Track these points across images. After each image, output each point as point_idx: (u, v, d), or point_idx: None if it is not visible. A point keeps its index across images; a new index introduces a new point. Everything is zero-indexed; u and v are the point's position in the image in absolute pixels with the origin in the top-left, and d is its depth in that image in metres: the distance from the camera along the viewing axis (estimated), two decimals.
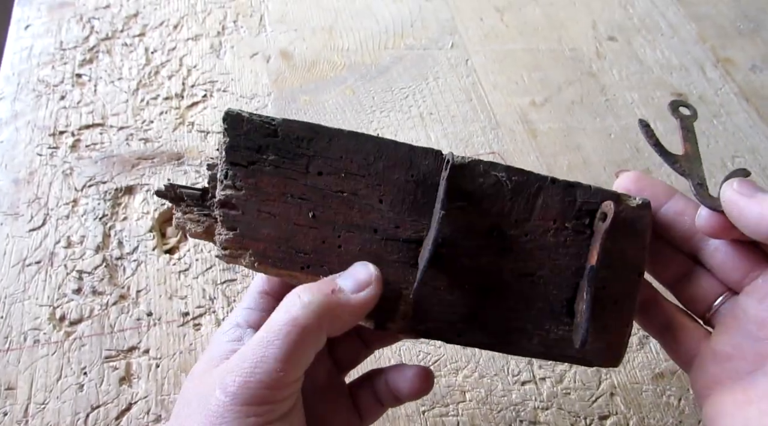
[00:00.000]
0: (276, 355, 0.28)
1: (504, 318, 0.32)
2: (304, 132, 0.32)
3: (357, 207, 0.32)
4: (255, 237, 0.31)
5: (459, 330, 0.32)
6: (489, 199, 0.32)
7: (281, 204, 0.31)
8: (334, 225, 0.32)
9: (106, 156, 0.58)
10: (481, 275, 0.32)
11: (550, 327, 0.32)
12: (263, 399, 0.28)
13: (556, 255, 0.32)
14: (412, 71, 0.70)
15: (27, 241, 0.52)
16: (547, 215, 0.33)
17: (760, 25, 0.82)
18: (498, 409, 0.48)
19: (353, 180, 0.32)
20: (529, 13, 0.79)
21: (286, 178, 0.31)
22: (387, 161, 0.32)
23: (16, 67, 0.64)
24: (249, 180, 0.31)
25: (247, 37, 0.71)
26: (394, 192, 0.32)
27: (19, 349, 0.47)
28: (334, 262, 0.31)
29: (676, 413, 0.49)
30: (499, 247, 0.32)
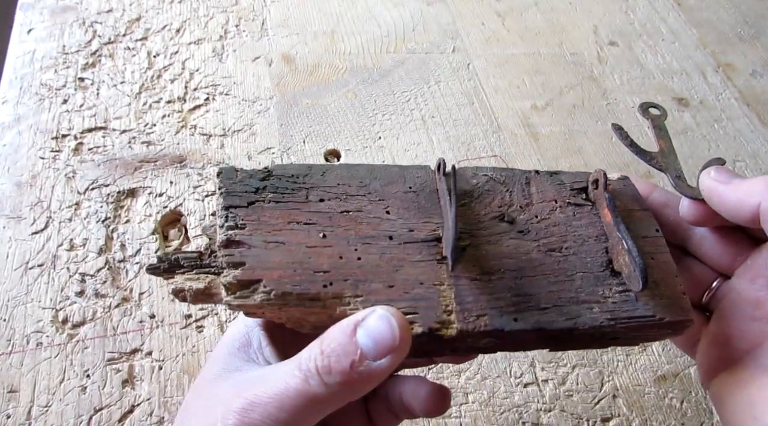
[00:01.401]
0: (286, 420, 0.27)
1: (552, 294, 0.31)
2: (297, 170, 0.33)
3: (366, 221, 0.32)
4: (267, 266, 0.29)
5: (514, 314, 0.30)
6: (488, 194, 0.34)
7: (288, 232, 0.30)
8: (348, 240, 0.31)
9: (108, 159, 0.58)
10: (511, 257, 0.32)
11: (604, 292, 0.31)
12: None
13: (572, 227, 0.33)
14: (413, 75, 0.70)
15: (30, 244, 0.52)
16: (545, 197, 0.34)
17: (761, 31, 0.83)
18: (500, 411, 0.48)
19: (355, 199, 0.32)
20: (531, 18, 0.80)
21: (288, 210, 0.31)
22: (382, 180, 0.33)
23: (19, 71, 0.64)
24: (251, 217, 0.30)
25: (249, 41, 0.71)
26: (398, 203, 0.33)
27: (22, 352, 0.47)
28: (357, 273, 0.30)
29: (678, 415, 0.49)
30: (517, 230, 0.33)
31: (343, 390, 0.27)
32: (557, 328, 0.30)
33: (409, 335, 0.28)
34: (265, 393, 0.27)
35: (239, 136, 0.62)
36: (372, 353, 0.27)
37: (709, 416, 0.49)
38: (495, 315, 0.30)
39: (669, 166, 0.35)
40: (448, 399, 0.33)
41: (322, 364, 0.27)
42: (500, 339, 0.30)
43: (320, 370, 0.27)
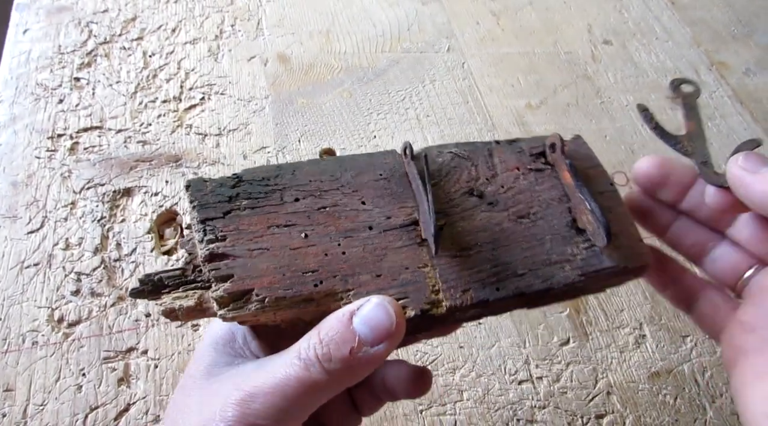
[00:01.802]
0: (287, 409, 0.27)
1: (527, 259, 0.33)
2: (267, 172, 0.33)
3: (344, 215, 0.32)
4: (255, 275, 0.29)
5: (495, 284, 0.32)
6: (455, 171, 0.35)
7: (270, 237, 0.31)
8: (330, 236, 0.31)
9: (104, 158, 0.58)
10: (485, 230, 0.33)
11: (572, 250, 0.33)
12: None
13: (536, 192, 0.35)
14: (408, 74, 0.71)
15: (25, 243, 0.52)
16: (508, 166, 0.35)
17: (754, 30, 0.83)
18: (495, 408, 0.48)
19: (329, 195, 0.33)
20: (525, 17, 0.80)
21: (266, 214, 0.31)
22: (352, 171, 0.34)
23: (15, 71, 0.64)
24: (229, 227, 0.30)
25: (244, 41, 0.71)
26: (371, 192, 0.33)
27: (18, 351, 0.47)
28: (344, 268, 0.31)
29: (672, 412, 0.49)
30: (486, 203, 0.34)
31: (343, 376, 0.28)
32: (535, 290, 0.32)
33: (404, 320, 0.29)
34: (265, 383, 0.28)
35: (235, 135, 0.62)
36: (370, 339, 0.28)
37: (702, 412, 0.49)
38: (478, 287, 0.31)
39: (696, 150, 0.33)
40: (428, 380, 0.35)
41: (322, 352, 0.28)
42: (485, 308, 0.32)
43: (321, 358, 0.28)
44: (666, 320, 0.54)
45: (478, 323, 0.52)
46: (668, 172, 0.34)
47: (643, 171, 0.35)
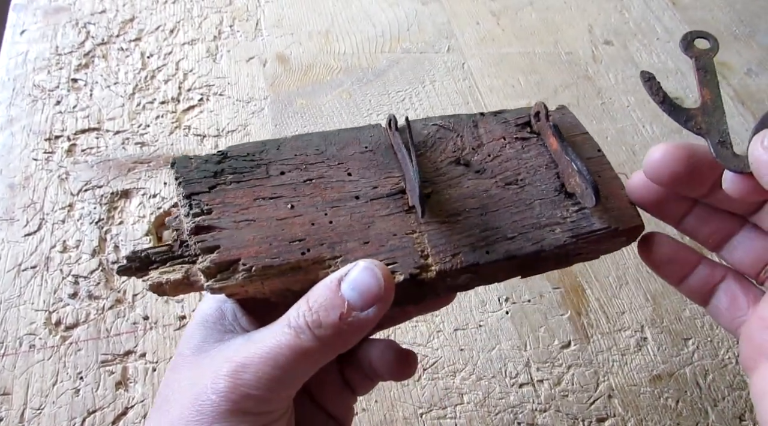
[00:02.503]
0: (280, 378, 0.27)
1: (516, 223, 0.33)
2: (252, 148, 0.33)
3: (330, 186, 0.32)
4: (241, 245, 0.29)
5: (485, 248, 0.32)
6: (440, 142, 0.35)
7: (256, 209, 0.31)
8: (316, 206, 0.31)
9: (102, 160, 0.58)
10: (473, 197, 0.33)
11: (562, 213, 0.33)
12: (259, 409, 0.28)
13: (523, 159, 0.35)
14: (408, 74, 0.70)
15: (22, 245, 0.52)
16: (494, 136, 0.36)
17: (755, 30, 0.83)
18: (496, 411, 0.48)
19: (315, 167, 0.33)
20: (525, 17, 0.80)
21: (251, 187, 0.31)
22: (337, 145, 0.34)
23: (12, 72, 0.64)
24: (215, 200, 0.30)
25: (243, 42, 0.71)
26: (357, 163, 0.33)
27: (15, 354, 0.46)
28: (332, 236, 0.31)
29: (673, 415, 0.49)
30: (473, 171, 0.34)
31: (333, 342, 0.28)
32: (526, 253, 0.32)
33: (393, 283, 0.29)
34: (256, 353, 0.28)
35: (233, 136, 0.62)
36: (359, 304, 0.28)
37: (704, 416, 0.49)
38: (468, 251, 0.31)
39: (711, 127, 0.28)
40: (413, 363, 0.35)
41: (312, 319, 0.28)
42: (476, 273, 0.32)
43: (311, 325, 0.28)
44: (668, 323, 0.54)
45: (479, 326, 0.52)
46: (693, 165, 0.29)
47: (660, 164, 0.30)
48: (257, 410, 0.28)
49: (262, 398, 0.27)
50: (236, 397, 0.27)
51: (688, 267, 0.33)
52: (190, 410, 0.27)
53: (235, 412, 0.27)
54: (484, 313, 0.53)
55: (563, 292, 0.55)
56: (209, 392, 0.27)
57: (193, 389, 0.28)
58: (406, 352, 0.35)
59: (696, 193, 0.31)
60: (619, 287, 0.56)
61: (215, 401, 0.27)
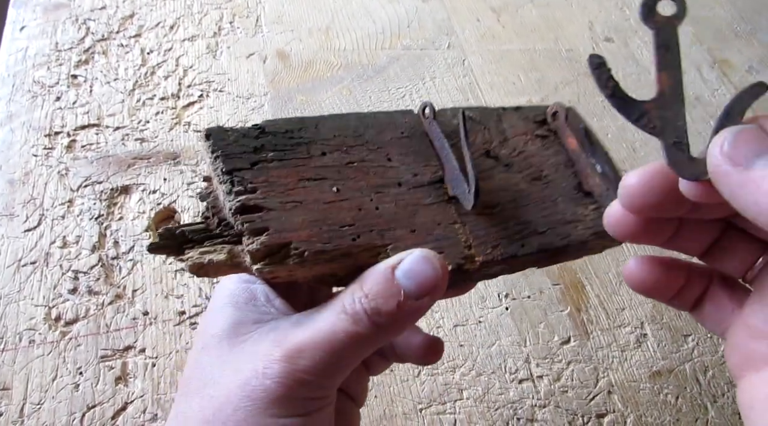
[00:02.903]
0: (335, 363, 0.27)
1: (544, 219, 0.34)
2: (290, 125, 0.32)
3: (372, 170, 0.32)
4: (292, 228, 0.28)
5: (520, 240, 0.33)
6: (470, 134, 0.35)
7: (302, 190, 0.30)
8: (361, 191, 0.31)
9: (101, 156, 0.58)
10: (505, 190, 0.34)
11: (582, 211, 0.34)
12: (313, 395, 0.28)
13: (544, 156, 0.36)
14: (408, 71, 0.70)
15: (22, 241, 0.52)
16: (517, 132, 0.36)
17: (757, 28, 0.83)
18: (495, 407, 0.48)
19: (355, 150, 0.32)
20: (526, 14, 0.80)
21: (294, 167, 0.30)
22: (375, 128, 0.34)
23: (12, 69, 0.64)
24: (259, 179, 0.29)
25: (243, 38, 0.71)
26: (395, 149, 0.33)
27: (15, 350, 0.46)
28: (379, 223, 0.30)
29: (673, 411, 0.49)
30: (503, 164, 0.35)
31: (389, 329, 0.28)
32: (556, 247, 0.33)
33: (447, 273, 0.29)
34: (312, 338, 0.27)
35: None
36: (414, 292, 0.28)
37: (704, 412, 0.49)
38: (506, 244, 0.32)
39: (666, 124, 0.24)
40: (440, 349, 0.36)
41: (370, 306, 0.27)
42: (510, 265, 0.33)
43: (369, 312, 0.27)
44: (667, 319, 0.54)
45: (478, 322, 0.52)
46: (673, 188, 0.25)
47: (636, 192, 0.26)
48: (311, 396, 0.27)
49: (316, 384, 0.27)
50: (291, 383, 0.26)
51: (675, 287, 0.31)
52: (239, 395, 0.27)
53: (289, 398, 0.27)
54: (484, 309, 0.53)
55: (563, 288, 0.55)
56: (261, 377, 0.26)
57: (238, 374, 0.27)
58: (435, 340, 0.36)
59: (680, 213, 0.28)
60: (619, 284, 0.55)
61: (269, 386, 0.26)
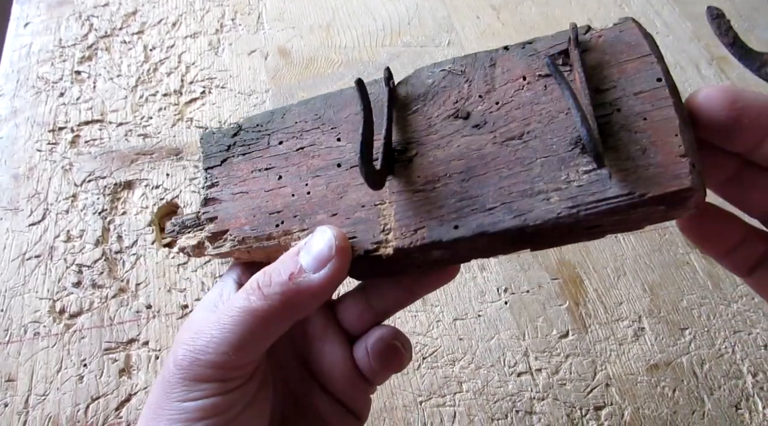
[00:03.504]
0: (230, 340, 0.27)
1: (503, 190, 0.27)
2: (262, 118, 0.34)
3: (317, 154, 0.32)
4: (232, 216, 0.32)
5: (455, 221, 0.27)
6: (443, 92, 0.30)
7: (251, 180, 0.33)
8: (300, 176, 0.32)
9: (105, 151, 0.58)
10: (460, 158, 0.29)
11: (568, 175, 0.26)
12: (210, 377, 0.28)
13: (539, 105, 0.28)
14: (409, 68, 0.71)
15: (27, 235, 0.52)
16: (511, 77, 0.29)
17: (754, 25, 0.83)
18: (494, 399, 0.48)
19: (310, 134, 0.33)
20: (525, 12, 0.80)
21: (252, 159, 0.33)
22: (335, 107, 0.33)
23: (16, 65, 0.64)
24: (223, 173, 0.33)
25: (245, 35, 0.72)
26: (349, 126, 0.32)
27: (20, 342, 0.47)
28: (306, 208, 0.31)
29: (670, 404, 0.49)
30: (471, 125, 0.29)
31: (283, 303, 0.27)
32: (503, 229, 0.26)
33: (346, 245, 0.28)
34: (209, 318, 0.29)
35: None
36: (311, 265, 0.28)
37: (700, 404, 0.50)
38: (434, 225, 0.28)
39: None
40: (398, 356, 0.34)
41: (263, 279, 0.28)
42: (449, 249, 0.28)
43: (260, 284, 0.28)
44: (665, 313, 0.54)
45: (478, 316, 0.53)
46: (743, 112, 0.25)
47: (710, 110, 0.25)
48: (212, 377, 0.28)
49: (212, 363, 0.27)
50: (187, 364, 0.28)
51: (734, 240, 0.29)
52: (158, 384, 0.28)
53: (190, 378, 0.27)
54: (483, 303, 0.53)
55: (561, 282, 0.55)
56: (171, 364, 0.28)
57: (164, 370, 0.29)
58: (392, 346, 0.34)
59: (742, 146, 0.26)
60: (617, 278, 0.56)
61: (172, 370, 0.28)
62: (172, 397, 0.27)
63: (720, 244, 0.29)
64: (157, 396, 0.28)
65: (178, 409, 0.27)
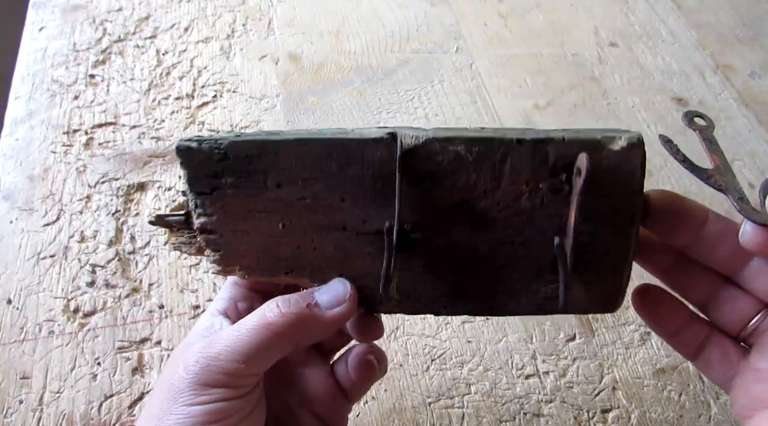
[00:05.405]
0: (242, 350, 0.30)
1: (487, 287, 0.33)
2: (251, 149, 0.31)
3: (321, 210, 0.32)
4: (238, 254, 0.33)
5: (444, 304, 0.33)
6: (452, 176, 0.30)
7: (251, 220, 0.32)
8: (304, 230, 0.32)
9: (118, 153, 0.59)
10: (457, 251, 0.32)
11: (538, 287, 0.32)
12: (220, 383, 0.29)
13: (533, 218, 0.31)
14: (417, 74, 0.72)
15: (42, 235, 0.53)
16: (517, 179, 0.30)
17: (759, 33, 0.84)
18: (502, 401, 0.49)
19: (311, 184, 0.31)
20: (533, 19, 0.81)
21: (248, 197, 0.32)
22: (339, 160, 0.31)
23: (31, 68, 0.65)
24: (216, 205, 0.32)
25: (256, 40, 0.73)
26: (354, 189, 0.31)
27: (35, 340, 0.48)
28: (313, 263, 0.33)
29: (676, 407, 0.50)
30: (471, 220, 0.31)
31: (297, 323, 0.31)
32: (479, 312, 0.34)
33: (356, 299, 0.33)
34: (225, 330, 0.31)
35: None
36: (324, 303, 0.32)
37: (706, 408, 0.50)
38: (428, 304, 0.33)
39: (729, 185, 0.30)
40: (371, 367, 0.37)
41: (283, 301, 0.31)
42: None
43: (279, 304, 0.31)
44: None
45: (486, 319, 0.53)
46: (678, 209, 0.31)
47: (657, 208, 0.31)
48: (222, 382, 0.29)
49: (223, 369, 0.29)
50: (199, 369, 0.29)
51: (679, 323, 0.34)
52: (163, 389, 0.30)
53: (201, 382, 0.29)
54: None
55: None
56: (181, 371, 0.29)
57: (170, 376, 0.30)
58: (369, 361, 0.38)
59: (680, 239, 0.31)
60: None
61: (182, 375, 0.29)
62: (180, 401, 0.29)
63: (667, 325, 0.34)
64: (161, 400, 0.30)
65: (185, 413, 0.29)
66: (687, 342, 0.34)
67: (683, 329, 0.33)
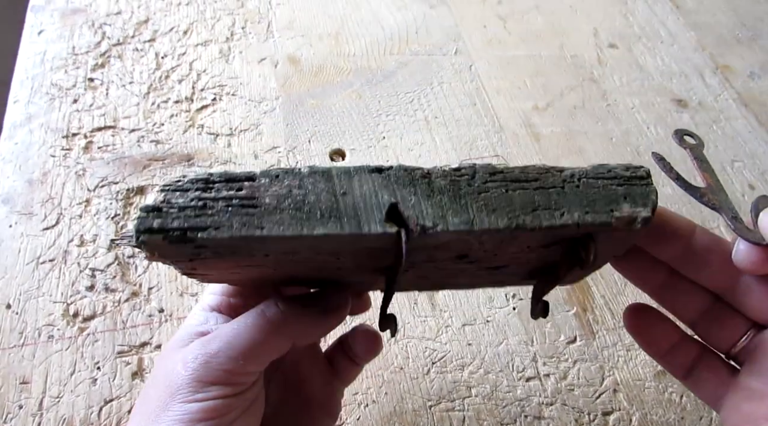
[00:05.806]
0: (242, 348, 0.30)
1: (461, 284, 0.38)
2: (232, 244, 0.26)
3: (314, 263, 0.30)
4: (227, 281, 0.34)
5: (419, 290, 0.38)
6: (455, 245, 0.28)
7: (241, 269, 0.30)
8: (297, 269, 0.31)
9: (117, 157, 0.59)
10: (444, 272, 0.33)
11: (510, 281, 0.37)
12: (219, 380, 0.29)
13: (525, 258, 0.31)
14: (417, 76, 0.72)
15: (41, 239, 0.53)
16: (522, 247, 0.29)
17: (758, 34, 0.84)
18: (503, 404, 0.49)
19: (301, 255, 0.28)
20: (532, 21, 0.81)
21: (234, 259, 0.28)
22: (335, 248, 0.27)
23: (30, 72, 0.65)
24: (198, 265, 0.28)
25: (255, 43, 0.72)
26: (350, 260, 0.29)
27: (34, 345, 0.48)
28: (309, 275, 0.33)
29: (678, 409, 0.50)
30: (466, 262, 0.31)
31: (295, 323, 0.31)
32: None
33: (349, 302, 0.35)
34: (224, 327, 0.31)
35: (246, 135, 0.63)
36: (323, 305, 0.33)
37: (708, 410, 0.50)
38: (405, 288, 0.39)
39: (722, 204, 0.30)
40: (377, 340, 0.40)
41: (282, 300, 0.32)
42: None
43: (279, 303, 0.31)
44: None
45: (486, 321, 0.53)
46: (666, 222, 0.31)
47: None
48: (220, 379, 0.29)
49: (222, 366, 0.29)
50: (198, 365, 0.29)
51: (670, 343, 0.34)
52: (161, 385, 0.29)
53: (199, 379, 0.29)
54: (492, 308, 0.54)
55: (569, 289, 0.56)
56: (180, 367, 0.29)
57: (168, 373, 0.30)
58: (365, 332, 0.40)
59: (667, 253, 0.32)
60: (624, 284, 0.56)
61: (180, 372, 0.29)
62: (178, 398, 0.29)
63: (657, 345, 0.34)
64: (156, 398, 0.29)
65: (182, 410, 0.28)
66: (677, 362, 0.34)
67: (674, 349, 0.34)
